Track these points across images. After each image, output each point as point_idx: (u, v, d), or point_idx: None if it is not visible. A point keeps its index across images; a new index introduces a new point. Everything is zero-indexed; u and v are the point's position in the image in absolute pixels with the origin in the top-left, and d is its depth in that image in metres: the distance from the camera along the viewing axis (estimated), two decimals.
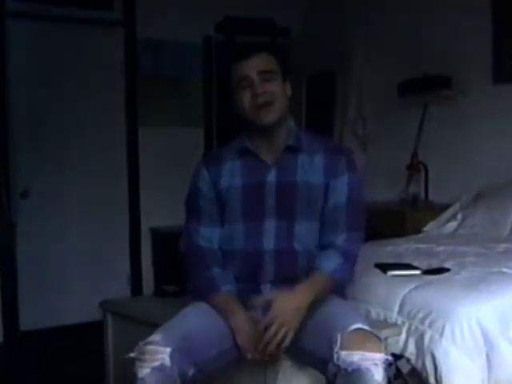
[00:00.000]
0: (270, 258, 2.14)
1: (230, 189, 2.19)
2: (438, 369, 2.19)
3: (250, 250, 2.16)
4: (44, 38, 4.50)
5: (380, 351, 1.83)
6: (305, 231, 2.15)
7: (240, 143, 2.22)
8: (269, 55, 2.17)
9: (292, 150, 2.18)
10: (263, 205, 2.16)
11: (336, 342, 1.83)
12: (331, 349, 1.83)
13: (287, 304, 1.96)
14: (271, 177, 2.17)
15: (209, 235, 2.21)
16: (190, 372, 1.91)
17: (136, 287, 4.82)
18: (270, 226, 2.15)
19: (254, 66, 2.12)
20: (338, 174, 2.16)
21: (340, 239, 2.13)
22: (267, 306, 1.95)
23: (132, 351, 1.90)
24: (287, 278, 2.10)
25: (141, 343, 1.90)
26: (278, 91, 2.14)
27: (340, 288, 2.16)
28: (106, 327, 2.74)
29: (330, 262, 2.09)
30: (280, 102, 2.15)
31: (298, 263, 2.14)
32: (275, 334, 1.91)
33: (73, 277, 4.62)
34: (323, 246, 2.15)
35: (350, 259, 2.14)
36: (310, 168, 2.16)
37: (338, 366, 1.81)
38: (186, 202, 2.30)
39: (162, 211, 4.69)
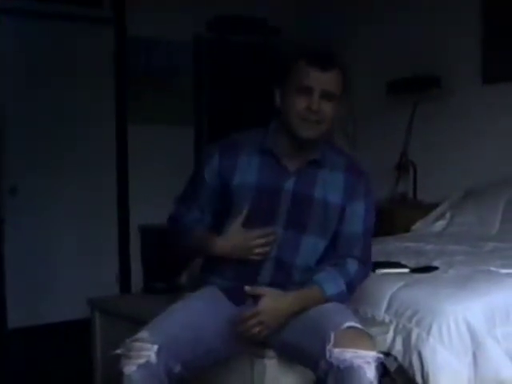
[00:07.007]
0: (270, 265, 2.10)
1: (243, 186, 2.11)
2: (425, 367, 2.19)
3: None
4: (33, 35, 4.47)
5: (372, 349, 1.84)
6: (310, 247, 2.12)
7: (263, 140, 2.14)
8: (339, 74, 2.08)
9: (315, 163, 2.14)
10: (275, 211, 2.10)
11: (329, 339, 1.83)
12: (323, 346, 1.83)
13: (274, 305, 1.97)
14: (289, 185, 2.11)
15: (198, 217, 2.20)
16: (177, 369, 1.90)
17: (125, 285, 4.81)
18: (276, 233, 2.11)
19: (323, 81, 2.04)
20: (354, 199, 2.13)
21: (351, 267, 2.10)
22: (256, 298, 1.97)
23: (119, 348, 1.90)
24: (281, 286, 2.08)
25: (128, 340, 1.90)
26: (331, 114, 2.07)
27: None
28: (93, 325, 2.74)
29: (334, 286, 2.06)
30: (328, 123, 2.08)
31: (294, 277, 2.11)
32: (251, 328, 1.93)
33: (61, 274, 4.61)
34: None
35: (351, 289, 2.11)
36: (330, 184, 2.12)
37: (331, 363, 1.81)
38: (189, 180, 2.24)
39: (150, 209, 4.67)
